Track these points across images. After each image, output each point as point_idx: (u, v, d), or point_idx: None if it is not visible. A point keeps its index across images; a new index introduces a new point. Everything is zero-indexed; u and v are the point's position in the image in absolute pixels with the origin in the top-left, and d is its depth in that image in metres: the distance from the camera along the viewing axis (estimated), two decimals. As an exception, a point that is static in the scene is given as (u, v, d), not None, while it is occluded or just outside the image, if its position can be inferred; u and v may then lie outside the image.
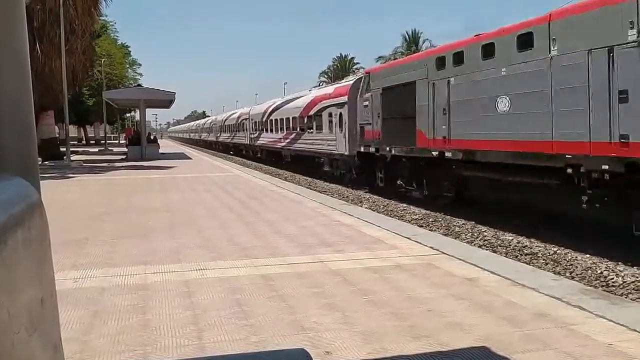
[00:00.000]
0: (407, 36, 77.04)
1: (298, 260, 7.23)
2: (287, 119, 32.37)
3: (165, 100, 38.13)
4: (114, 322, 4.98)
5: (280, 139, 33.78)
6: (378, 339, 4.47)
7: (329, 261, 7.18)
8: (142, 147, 35.23)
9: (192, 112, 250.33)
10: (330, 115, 24.40)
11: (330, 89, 26.68)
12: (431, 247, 7.94)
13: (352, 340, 4.45)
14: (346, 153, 22.31)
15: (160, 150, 38.81)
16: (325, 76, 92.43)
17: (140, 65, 77.56)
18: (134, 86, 50.49)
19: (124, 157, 36.49)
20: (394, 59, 67.02)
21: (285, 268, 6.88)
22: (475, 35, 13.94)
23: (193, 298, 5.64)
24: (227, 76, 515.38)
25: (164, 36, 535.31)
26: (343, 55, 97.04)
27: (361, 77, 21.95)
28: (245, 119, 46.45)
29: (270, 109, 37.37)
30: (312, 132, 27.11)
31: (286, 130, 32.47)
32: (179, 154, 42.43)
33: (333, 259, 7.28)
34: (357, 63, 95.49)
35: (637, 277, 8.48)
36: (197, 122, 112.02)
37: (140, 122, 41.31)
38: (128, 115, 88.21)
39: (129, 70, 71.92)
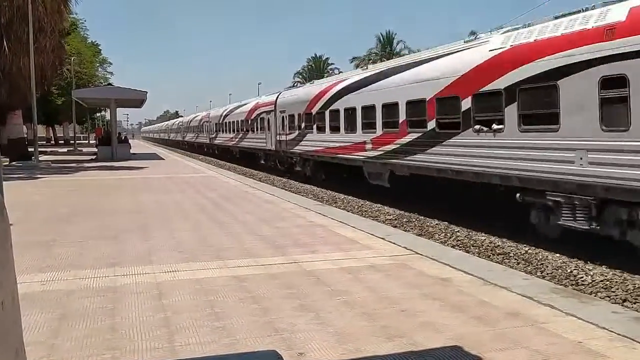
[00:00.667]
0: (381, 38, 77.54)
1: (272, 262, 7.18)
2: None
3: (136, 100, 37.58)
4: (82, 325, 4.86)
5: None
6: (352, 339, 4.46)
7: (303, 262, 7.15)
8: (112, 147, 34.65)
9: (164, 112, 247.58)
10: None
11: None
12: (405, 247, 7.97)
13: (326, 341, 4.43)
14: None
15: (132, 151, 38.26)
16: (300, 76, 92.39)
17: (111, 64, 76.34)
18: (105, 85, 49.69)
19: (93, 157, 35.85)
20: (369, 60, 67.37)
21: (259, 269, 6.82)
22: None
23: (164, 300, 5.55)
24: (201, 75, 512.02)
25: (136, 35, 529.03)
26: (318, 56, 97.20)
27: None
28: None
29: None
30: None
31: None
32: (150, 155, 41.88)
33: (307, 260, 7.25)
34: (332, 63, 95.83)
35: (605, 276, 8.66)
36: (167, 123, 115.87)
37: (110, 121, 40.65)
38: (98, 114, 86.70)
39: (99, 69, 70.77)
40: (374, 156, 17.53)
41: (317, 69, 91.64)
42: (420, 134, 15.23)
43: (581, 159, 9.77)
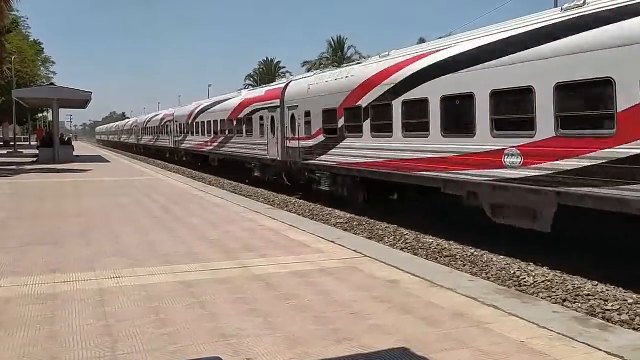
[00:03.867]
0: (332, 42, 78.00)
1: (220, 266, 7.07)
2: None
3: (80, 100, 36.36)
4: (20, 334, 4.65)
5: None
6: (301, 343, 4.43)
7: (252, 266, 7.07)
8: (54, 149, 33.37)
9: (110, 113, 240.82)
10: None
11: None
12: (354, 250, 8.01)
13: (275, 345, 4.38)
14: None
15: (75, 153, 36.99)
16: (251, 79, 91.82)
17: (53, 63, 73.59)
18: (47, 84, 47.84)
19: (34, 159, 34.46)
20: (320, 64, 67.66)
21: (207, 274, 6.70)
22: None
23: (107, 307, 5.36)
24: (149, 77, 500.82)
25: (80, 34, 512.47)
26: (269, 59, 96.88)
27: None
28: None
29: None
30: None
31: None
32: (95, 157, 40.61)
33: (256, 264, 7.18)
34: (283, 67, 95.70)
35: (546, 277, 8.96)
36: (117, 123, 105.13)
37: (52, 122, 39.19)
38: (40, 115, 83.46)
39: (42, 68, 68.13)
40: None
41: (268, 71, 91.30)
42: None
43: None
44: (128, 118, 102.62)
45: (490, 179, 10.69)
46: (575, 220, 9.61)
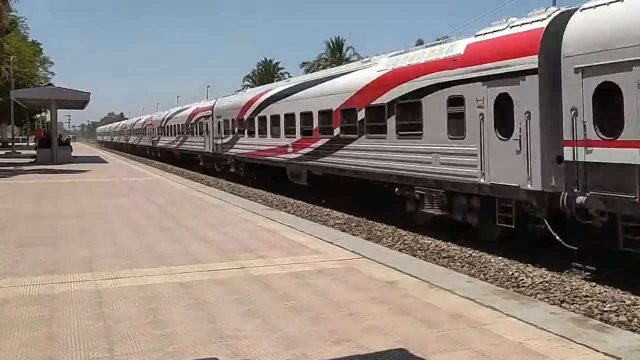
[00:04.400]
0: (331, 43, 78.01)
1: (218, 267, 7.07)
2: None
3: (79, 101, 36.36)
4: (17, 335, 4.64)
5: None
6: (299, 344, 4.43)
7: (251, 267, 7.07)
8: (52, 149, 33.33)
9: (109, 113, 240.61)
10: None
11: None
12: (353, 251, 8.01)
13: (273, 347, 4.38)
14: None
15: (74, 154, 36.94)
16: (250, 80, 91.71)
17: (52, 64, 73.44)
18: (45, 85, 47.76)
19: (33, 160, 34.42)
20: (319, 65, 67.67)
21: (205, 275, 6.69)
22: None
23: (105, 308, 5.35)
24: (148, 78, 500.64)
25: (79, 34, 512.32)
26: (268, 60, 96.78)
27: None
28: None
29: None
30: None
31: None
32: (93, 158, 40.60)
33: (255, 265, 7.18)
34: (282, 68, 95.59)
35: (544, 278, 8.96)
36: (110, 125, 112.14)
37: (51, 123, 39.14)
38: (38, 116, 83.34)
39: (40, 69, 68.05)
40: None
41: (267, 73, 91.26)
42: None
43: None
44: (126, 119, 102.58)
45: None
46: (573, 221, 9.61)
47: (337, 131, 16.69)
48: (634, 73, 8.02)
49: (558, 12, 10.05)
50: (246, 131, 24.87)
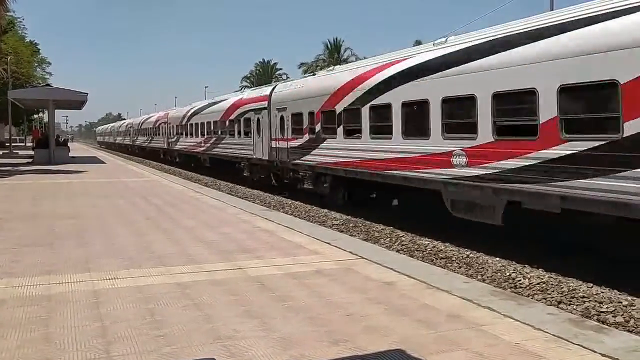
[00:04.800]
0: (329, 44, 78.04)
1: (216, 268, 7.06)
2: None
3: (76, 101, 36.29)
4: (14, 336, 4.62)
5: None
6: (297, 345, 4.43)
7: (248, 268, 7.07)
8: (50, 150, 33.27)
9: (106, 114, 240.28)
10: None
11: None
12: (351, 252, 8.01)
13: (270, 347, 4.38)
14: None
15: (71, 154, 36.89)
16: (248, 81, 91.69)
17: (50, 64, 73.31)
18: (43, 86, 47.68)
19: (30, 160, 34.35)
20: (317, 66, 67.66)
21: (203, 275, 6.69)
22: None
23: (102, 309, 5.35)
24: (145, 78, 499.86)
25: (77, 35, 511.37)
26: (266, 61, 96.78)
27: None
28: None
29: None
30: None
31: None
32: (91, 158, 40.53)
33: (252, 266, 7.17)
34: (280, 69, 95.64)
35: (542, 279, 8.98)
36: (112, 125, 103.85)
37: (48, 123, 39.06)
38: (36, 116, 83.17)
39: (38, 69, 67.94)
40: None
41: (264, 73, 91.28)
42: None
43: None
44: (124, 119, 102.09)
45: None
46: (572, 222, 9.64)
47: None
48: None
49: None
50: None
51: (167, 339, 4.55)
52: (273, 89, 22.67)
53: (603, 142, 8.49)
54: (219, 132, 29.02)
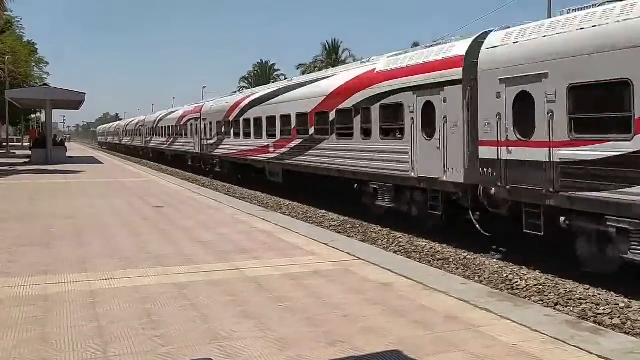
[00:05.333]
0: (327, 45, 78.09)
1: (213, 268, 7.05)
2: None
3: (74, 101, 36.22)
4: (10, 336, 4.61)
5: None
6: (293, 346, 4.42)
7: (246, 268, 7.06)
8: (47, 150, 33.20)
9: (104, 114, 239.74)
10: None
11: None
12: (348, 253, 8.01)
13: (267, 348, 4.37)
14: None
15: (68, 154, 36.83)
16: (246, 81, 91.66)
17: (47, 64, 73.16)
18: (40, 85, 47.60)
19: (27, 160, 34.29)
20: (315, 67, 67.70)
21: (200, 276, 6.68)
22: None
23: (99, 309, 5.34)
24: (142, 79, 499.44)
25: (74, 33, 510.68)
26: (264, 61, 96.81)
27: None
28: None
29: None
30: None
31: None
32: (88, 158, 40.47)
33: (250, 266, 7.17)
34: (278, 69, 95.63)
35: (539, 281, 8.99)
36: (104, 126, 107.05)
37: (46, 123, 39.01)
38: (33, 116, 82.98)
39: (35, 69, 67.77)
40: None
41: (263, 74, 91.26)
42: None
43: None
44: (121, 119, 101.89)
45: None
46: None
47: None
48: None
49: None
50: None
51: (163, 339, 4.54)
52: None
53: None
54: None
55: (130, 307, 5.42)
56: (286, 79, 38.49)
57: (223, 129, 27.71)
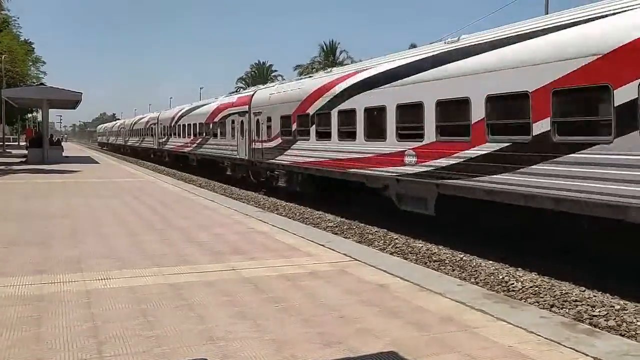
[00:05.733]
0: (324, 46, 78.09)
1: (209, 269, 7.04)
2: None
3: (70, 101, 36.10)
4: (5, 335, 4.59)
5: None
6: (289, 347, 4.42)
7: (242, 269, 7.05)
8: (44, 149, 33.11)
9: (100, 114, 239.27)
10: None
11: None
12: (345, 254, 8.01)
13: (263, 349, 4.37)
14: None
15: (65, 154, 36.74)
16: (243, 82, 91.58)
17: (44, 63, 72.99)
18: (37, 85, 47.48)
19: (23, 160, 34.19)
20: (312, 68, 67.67)
21: (196, 276, 6.66)
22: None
23: (94, 309, 5.32)
24: (138, 79, 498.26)
25: (71, 34, 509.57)
26: (261, 62, 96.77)
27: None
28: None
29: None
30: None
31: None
32: (84, 158, 40.39)
33: (246, 267, 7.16)
34: (275, 70, 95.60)
35: (534, 282, 9.01)
36: (105, 125, 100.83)
37: (42, 123, 38.89)
38: (30, 115, 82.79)
39: (32, 68, 67.64)
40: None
41: (260, 75, 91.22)
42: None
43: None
44: (118, 119, 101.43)
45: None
46: (567, 225, 9.68)
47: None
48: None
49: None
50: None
51: (159, 339, 4.53)
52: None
53: None
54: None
55: (125, 307, 5.41)
56: (284, 79, 37.91)
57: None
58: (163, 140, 42.33)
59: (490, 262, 10.46)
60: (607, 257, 9.28)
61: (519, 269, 9.89)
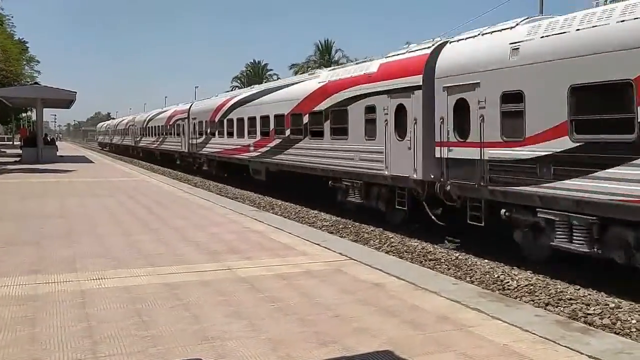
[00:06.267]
0: (320, 45, 78.03)
1: (205, 268, 7.03)
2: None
3: (64, 100, 35.96)
4: (0, 335, 4.57)
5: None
6: (285, 346, 4.41)
7: (237, 268, 7.04)
8: (38, 149, 32.98)
9: (95, 113, 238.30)
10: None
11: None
12: (340, 253, 8.01)
13: (258, 348, 4.36)
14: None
15: (59, 153, 36.60)
16: (238, 81, 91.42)
17: (38, 62, 72.58)
18: (31, 84, 47.23)
19: (17, 159, 34.04)
20: (308, 67, 67.63)
21: (191, 276, 6.65)
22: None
23: (89, 309, 5.30)
24: (134, 78, 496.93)
25: (66, 34, 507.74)
26: (256, 61, 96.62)
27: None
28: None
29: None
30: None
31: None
32: (79, 157, 40.24)
33: (241, 266, 7.15)
34: (271, 69, 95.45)
35: (530, 281, 9.02)
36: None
37: (37, 122, 38.72)
38: (24, 115, 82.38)
39: (26, 67, 67.25)
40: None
41: (255, 74, 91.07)
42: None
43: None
44: (113, 118, 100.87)
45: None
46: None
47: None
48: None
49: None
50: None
51: (154, 339, 4.52)
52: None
53: None
54: None
55: (120, 307, 5.39)
56: (279, 78, 38.48)
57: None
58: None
59: (486, 260, 10.48)
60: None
61: (514, 267, 9.91)
